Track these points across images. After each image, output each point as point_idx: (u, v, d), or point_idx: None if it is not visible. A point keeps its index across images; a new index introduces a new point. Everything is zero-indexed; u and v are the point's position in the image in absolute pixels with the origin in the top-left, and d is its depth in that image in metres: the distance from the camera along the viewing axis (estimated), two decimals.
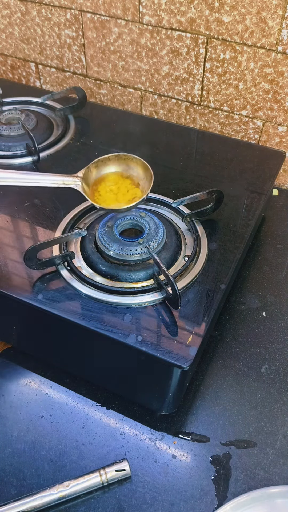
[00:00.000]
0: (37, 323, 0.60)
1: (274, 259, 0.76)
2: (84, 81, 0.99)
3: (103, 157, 0.60)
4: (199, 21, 0.79)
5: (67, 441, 0.56)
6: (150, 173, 0.58)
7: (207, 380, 0.62)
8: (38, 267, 0.56)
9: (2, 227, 0.64)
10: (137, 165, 0.60)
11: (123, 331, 0.51)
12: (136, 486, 0.53)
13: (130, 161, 0.60)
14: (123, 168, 0.60)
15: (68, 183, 0.57)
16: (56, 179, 0.56)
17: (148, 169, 0.58)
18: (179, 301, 0.52)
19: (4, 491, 0.52)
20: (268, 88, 0.81)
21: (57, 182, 0.57)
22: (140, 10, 0.83)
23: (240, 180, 0.73)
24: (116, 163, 0.60)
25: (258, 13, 0.74)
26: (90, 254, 0.59)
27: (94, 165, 0.60)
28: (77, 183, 0.57)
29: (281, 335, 0.66)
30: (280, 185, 0.91)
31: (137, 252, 0.57)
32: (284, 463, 0.55)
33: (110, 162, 0.60)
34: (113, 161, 0.60)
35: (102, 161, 0.60)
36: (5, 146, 0.78)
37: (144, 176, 0.59)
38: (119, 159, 0.60)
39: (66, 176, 0.57)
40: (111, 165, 0.61)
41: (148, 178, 0.58)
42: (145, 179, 0.59)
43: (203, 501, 0.52)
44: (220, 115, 0.88)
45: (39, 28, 0.96)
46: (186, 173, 0.75)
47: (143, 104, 0.95)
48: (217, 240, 0.62)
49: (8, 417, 0.59)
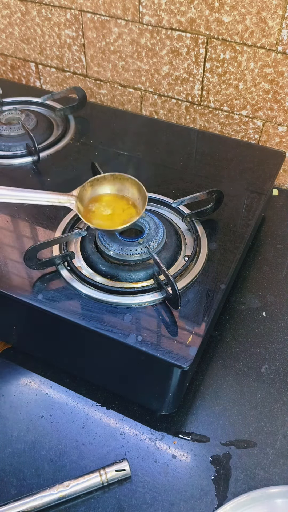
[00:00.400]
0: (37, 323, 0.60)
1: (274, 259, 0.76)
2: (84, 81, 0.99)
3: (99, 176, 0.60)
4: (199, 21, 0.79)
5: (67, 441, 0.56)
6: (144, 194, 0.58)
7: (207, 380, 0.62)
8: (38, 267, 0.56)
9: (2, 227, 0.64)
10: (132, 185, 0.60)
11: (123, 331, 0.51)
12: (136, 486, 0.53)
13: (125, 180, 0.60)
14: (118, 187, 0.61)
15: (63, 202, 0.57)
16: (51, 197, 0.56)
17: (142, 190, 0.59)
18: (179, 301, 0.52)
19: (4, 491, 0.52)
20: (268, 88, 0.81)
21: (51, 200, 0.57)
22: (140, 10, 0.83)
23: (240, 180, 0.73)
24: (111, 182, 0.61)
25: (258, 13, 0.74)
26: (90, 254, 0.59)
27: (89, 184, 0.60)
28: (72, 202, 0.57)
29: (281, 335, 0.66)
30: (280, 185, 0.91)
31: (137, 252, 0.57)
32: (284, 463, 0.55)
33: (106, 181, 0.60)
34: (109, 180, 0.60)
35: (97, 180, 0.60)
36: (5, 146, 0.78)
37: (139, 197, 0.59)
38: (114, 179, 0.60)
39: (61, 194, 0.57)
40: (107, 184, 0.61)
41: (143, 199, 0.58)
42: (139, 199, 0.59)
43: (203, 501, 0.52)
44: (220, 115, 0.89)
45: (39, 28, 0.96)
46: (186, 173, 0.75)
47: (143, 104, 0.95)
48: (217, 240, 0.62)
49: (8, 417, 0.59)
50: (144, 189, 0.59)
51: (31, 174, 0.74)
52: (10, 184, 0.71)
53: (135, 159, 0.77)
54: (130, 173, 0.60)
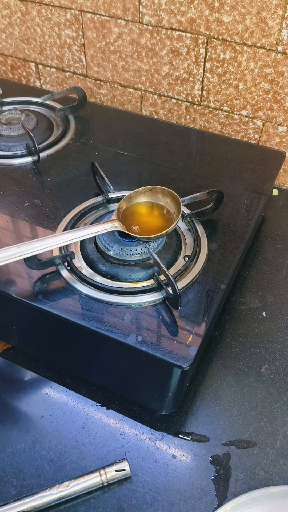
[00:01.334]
0: (37, 323, 0.60)
1: (274, 259, 0.76)
2: (84, 81, 0.99)
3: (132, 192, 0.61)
4: (199, 21, 0.79)
5: (67, 441, 0.56)
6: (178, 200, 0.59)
7: (207, 380, 0.62)
8: (38, 267, 0.56)
9: (2, 227, 0.64)
10: (163, 194, 0.61)
11: (123, 331, 0.51)
12: (136, 486, 0.53)
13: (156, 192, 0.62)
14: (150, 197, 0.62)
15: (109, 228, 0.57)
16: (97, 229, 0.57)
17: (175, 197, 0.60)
18: (179, 301, 0.52)
19: (4, 491, 0.52)
20: (268, 88, 0.81)
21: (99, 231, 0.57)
22: (140, 10, 0.83)
23: (240, 180, 0.73)
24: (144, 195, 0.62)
25: (258, 13, 0.74)
26: (90, 254, 0.59)
27: (121, 205, 0.61)
28: (116, 225, 0.57)
29: (281, 335, 0.66)
30: (280, 185, 0.91)
31: (137, 252, 0.57)
32: (284, 463, 0.55)
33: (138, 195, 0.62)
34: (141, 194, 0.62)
35: (130, 196, 0.61)
36: (5, 146, 0.78)
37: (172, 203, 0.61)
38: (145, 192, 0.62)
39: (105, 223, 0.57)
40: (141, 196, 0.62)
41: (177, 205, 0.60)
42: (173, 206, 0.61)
43: (203, 501, 0.52)
44: (220, 115, 0.89)
45: (39, 28, 0.96)
46: (186, 173, 0.75)
47: (143, 104, 0.95)
48: (217, 240, 0.62)
49: (8, 417, 0.59)
50: (177, 195, 0.60)
51: (31, 174, 0.74)
52: (10, 184, 0.71)
53: (135, 159, 0.77)
54: (130, 173, 0.60)
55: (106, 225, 0.57)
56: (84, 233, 0.56)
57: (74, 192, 0.70)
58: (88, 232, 0.56)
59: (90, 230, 0.56)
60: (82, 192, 0.70)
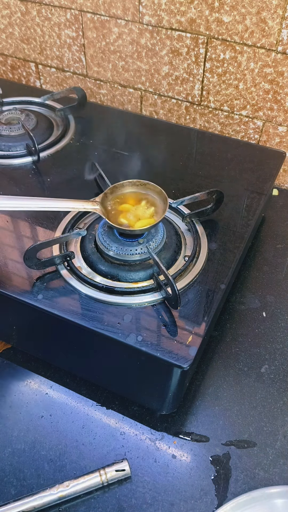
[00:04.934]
0: (37, 323, 0.60)
1: (274, 259, 0.76)
2: (84, 81, 0.99)
3: (118, 184, 0.62)
4: (199, 21, 0.79)
5: (67, 441, 0.56)
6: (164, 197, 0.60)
7: (207, 380, 0.62)
8: (38, 267, 0.56)
9: (2, 227, 0.64)
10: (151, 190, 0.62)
11: (123, 331, 0.51)
12: (136, 486, 0.53)
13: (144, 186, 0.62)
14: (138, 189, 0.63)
15: (88, 208, 0.59)
16: (77, 205, 0.59)
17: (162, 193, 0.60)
18: (178, 301, 0.52)
19: (4, 491, 0.52)
20: (268, 88, 0.81)
21: (78, 208, 0.60)
22: (140, 10, 0.83)
23: (240, 180, 0.73)
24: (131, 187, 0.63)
25: (258, 13, 0.74)
26: (90, 254, 0.59)
27: (109, 191, 0.62)
28: (96, 207, 0.59)
29: (281, 335, 0.66)
30: (280, 185, 0.91)
31: (137, 252, 0.57)
32: (284, 463, 0.55)
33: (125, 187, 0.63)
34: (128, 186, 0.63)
35: (116, 187, 0.62)
36: (5, 146, 0.78)
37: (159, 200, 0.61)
38: (132, 185, 0.63)
39: (86, 202, 0.59)
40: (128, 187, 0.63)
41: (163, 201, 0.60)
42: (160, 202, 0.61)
43: (203, 501, 0.52)
44: (220, 115, 0.88)
45: (39, 28, 0.96)
46: (186, 173, 0.75)
47: (143, 104, 0.95)
48: (217, 240, 0.62)
49: (8, 417, 0.59)
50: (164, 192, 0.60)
51: (31, 174, 0.74)
52: (10, 184, 0.71)
53: (135, 159, 0.77)
54: (130, 173, 0.60)
55: (87, 205, 0.59)
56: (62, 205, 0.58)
57: (74, 192, 0.70)
58: (67, 205, 0.58)
59: (70, 204, 0.58)
60: (82, 192, 0.70)
